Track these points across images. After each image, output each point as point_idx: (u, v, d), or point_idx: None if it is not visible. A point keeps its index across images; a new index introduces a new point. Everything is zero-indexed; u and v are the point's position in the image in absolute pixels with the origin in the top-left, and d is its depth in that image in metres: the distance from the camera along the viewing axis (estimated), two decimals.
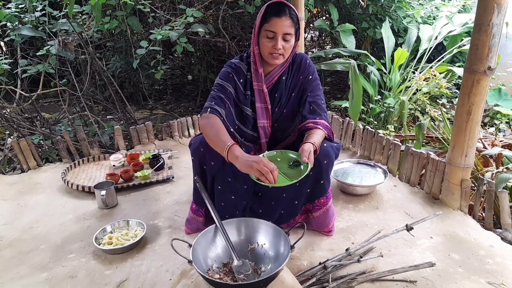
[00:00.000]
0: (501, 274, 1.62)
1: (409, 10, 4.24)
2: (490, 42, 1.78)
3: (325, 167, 1.71)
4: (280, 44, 1.61)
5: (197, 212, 1.90)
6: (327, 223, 1.87)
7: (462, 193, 2.06)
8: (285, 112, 1.81)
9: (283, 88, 1.79)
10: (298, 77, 1.80)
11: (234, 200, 1.80)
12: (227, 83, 1.75)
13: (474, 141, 1.98)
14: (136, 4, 3.19)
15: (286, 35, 1.61)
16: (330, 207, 1.87)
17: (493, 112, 3.70)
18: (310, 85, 1.80)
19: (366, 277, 1.58)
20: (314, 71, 1.82)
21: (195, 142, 1.76)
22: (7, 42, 3.80)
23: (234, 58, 1.84)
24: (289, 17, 1.60)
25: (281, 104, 1.80)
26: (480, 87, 1.86)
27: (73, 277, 1.67)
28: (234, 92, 1.77)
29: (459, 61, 4.23)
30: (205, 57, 4.38)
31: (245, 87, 1.79)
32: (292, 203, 1.83)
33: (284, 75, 1.78)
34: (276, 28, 1.59)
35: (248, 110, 1.80)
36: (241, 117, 1.81)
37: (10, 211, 2.23)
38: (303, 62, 1.80)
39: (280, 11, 1.59)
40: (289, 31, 1.61)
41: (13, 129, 3.17)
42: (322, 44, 5.79)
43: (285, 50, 1.64)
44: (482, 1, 1.77)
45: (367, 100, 3.70)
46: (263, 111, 1.79)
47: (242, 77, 1.78)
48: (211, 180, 1.79)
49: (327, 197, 1.84)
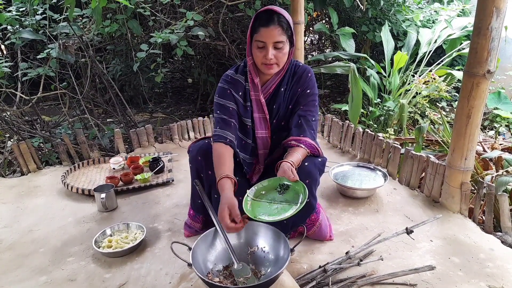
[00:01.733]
0: (501, 277, 1.62)
1: (409, 14, 4.26)
2: (489, 46, 1.78)
3: (308, 187, 1.57)
4: (271, 53, 1.56)
5: (195, 218, 1.92)
6: (324, 235, 1.86)
7: (462, 196, 2.06)
8: (283, 124, 1.78)
9: (281, 100, 1.75)
10: (297, 89, 1.75)
11: None
12: (227, 101, 1.71)
13: (474, 144, 1.98)
14: (136, 8, 3.20)
15: (277, 43, 1.56)
16: (323, 221, 1.85)
17: (493, 115, 3.70)
18: (305, 99, 1.74)
19: (366, 281, 1.58)
20: (313, 86, 1.76)
21: (193, 150, 1.76)
22: (7, 45, 3.81)
23: (230, 69, 1.80)
24: (278, 25, 1.54)
25: (279, 116, 1.77)
26: (480, 90, 1.86)
27: (73, 280, 1.67)
28: (237, 107, 1.73)
29: (458, 64, 4.24)
30: (205, 60, 4.38)
31: (244, 98, 1.75)
32: (282, 222, 1.54)
33: (283, 86, 1.74)
34: (265, 38, 1.55)
35: (248, 121, 1.76)
36: (242, 129, 1.78)
37: (9, 214, 2.23)
38: (305, 74, 1.74)
39: (268, 21, 1.54)
40: (280, 39, 1.55)
41: (13, 132, 3.17)
42: (322, 47, 5.80)
43: (278, 59, 1.59)
44: (481, 5, 1.78)
45: (367, 103, 3.71)
46: (261, 121, 1.76)
47: (241, 89, 1.74)
48: (208, 188, 1.79)
49: (317, 213, 1.82)
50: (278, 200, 1.51)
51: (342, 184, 2.27)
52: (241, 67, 1.76)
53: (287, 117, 1.78)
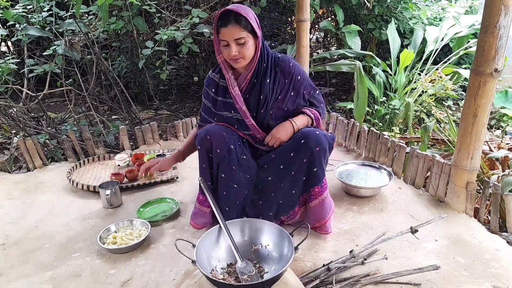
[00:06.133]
0: (507, 278, 1.60)
1: (415, 11, 4.22)
2: (497, 44, 1.76)
3: (317, 154, 1.76)
4: (234, 50, 1.68)
5: (204, 203, 1.93)
6: (324, 214, 1.87)
7: (468, 196, 2.04)
8: (271, 112, 1.86)
9: (267, 91, 1.83)
10: (284, 80, 1.84)
11: (236, 189, 1.84)
12: (206, 100, 1.95)
13: (480, 144, 1.96)
14: (142, 5, 3.20)
15: (238, 39, 1.67)
16: (327, 198, 1.88)
17: (500, 114, 3.67)
18: (302, 86, 1.88)
19: (370, 280, 1.57)
20: (300, 71, 1.87)
21: (201, 132, 1.83)
22: (14, 42, 3.84)
23: (210, 71, 1.98)
24: (235, 24, 1.65)
25: (267, 106, 1.85)
26: (487, 89, 1.84)
27: (78, 276, 1.68)
28: (214, 104, 1.92)
29: (465, 63, 4.20)
30: (210, 58, 4.39)
31: (217, 93, 1.90)
32: (290, 192, 1.87)
33: (268, 77, 1.83)
34: (225, 37, 1.67)
35: (233, 113, 1.87)
36: (230, 120, 1.90)
37: (16, 210, 2.25)
38: (287, 65, 1.84)
39: (225, 21, 1.66)
40: (239, 36, 1.66)
41: (19, 128, 3.19)
42: (328, 45, 5.78)
43: (243, 53, 1.70)
44: (489, 2, 1.75)
45: (372, 101, 3.69)
46: (244, 111, 1.85)
47: (214, 87, 1.91)
48: (216, 169, 1.84)
49: (322, 187, 1.85)
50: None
51: (347, 183, 2.26)
52: (219, 66, 1.90)
53: (274, 106, 1.86)
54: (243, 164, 1.84)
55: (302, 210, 1.93)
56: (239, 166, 1.83)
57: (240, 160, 1.83)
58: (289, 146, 1.80)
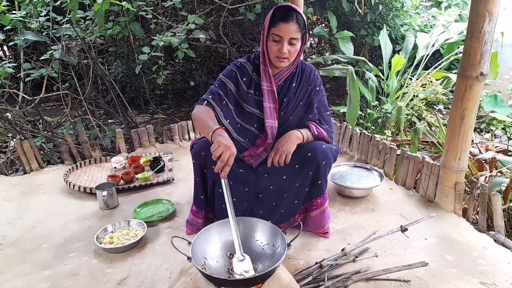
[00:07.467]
0: (493, 274, 1.66)
1: (407, 18, 4.32)
2: (482, 49, 1.84)
3: (323, 168, 1.77)
4: (285, 48, 1.64)
5: (197, 214, 1.95)
6: (323, 224, 1.91)
7: (456, 196, 2.10)
8: (290, 119, 1.84)
9: (291, 94, 1.83)
10: (307, 87, 1.85)
11: (235, 203, 1.81)
12: (229, 80, 1.79)
13: (468, 145, 2.03)
14: (138, 11, 3.25)
15: (292, 39, 1.64)
16: (326, 209, 1.91)
17: (489, 118, 3.75)
18: (317, 96, 1.87)
19: (361, 276, 1.62)
20: (321, 83, 1.89)
21: (196, 145, 1.80)
22: (11, 46, 3.86)
23: (242, 58, 1.87)
24: (295, 22, 1.62)
25: (288, 110, 1.83)
26: (473, 92, 1.91)
27: (75, 274, 1.71)
28: (235, 90, 1.80)
29: (455, 68, 4.29)
30: (206, 63, 4.44)
31: (248, 86, 1.82)
32: (292, 203, 1.88)
33: (294, 81, 1.82)
34: (282, 33, 1.62)
35: (250, 108, 1.82)
36: (243, 115, 1.84)
37: (13, 211, 2.27)
38: (312, 73, 1.86)
39: (287, 16, 1.61)
40: (295, 36, 1.64)
41: (16, 131, 3.21)
42: (321, 50, 5.87)
43: (290, 54, 1.67)
44: (474, 9, 1.83)
45: (365, 105, 3.75)
46: (271, 111, 1.81)
47: (246, 76, 1.81)
48: (211, 184, 1.83)
49: (324, 198, 1.88)
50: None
51: (340, 184, 2.31)
52: (252, 58, 1.84)
53: (295, 113, 1.85)
54: (241, 179, 1.81)
55: (301, 217, 1.94)
56: (236, 181, 1.79)
57: (237, 175, 1.79)
58: (294, 157, 1.76)
